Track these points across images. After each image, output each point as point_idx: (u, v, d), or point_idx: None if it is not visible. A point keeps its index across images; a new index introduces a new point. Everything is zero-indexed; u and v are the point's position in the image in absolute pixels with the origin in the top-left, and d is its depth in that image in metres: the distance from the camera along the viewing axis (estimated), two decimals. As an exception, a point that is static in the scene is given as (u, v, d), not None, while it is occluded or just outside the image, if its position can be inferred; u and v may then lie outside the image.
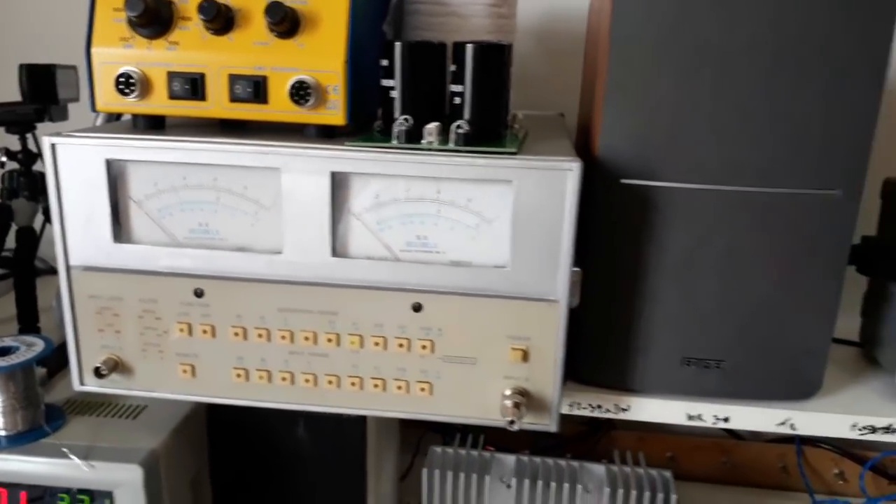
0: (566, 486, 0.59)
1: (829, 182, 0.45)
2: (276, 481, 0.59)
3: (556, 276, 0.44)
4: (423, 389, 0.46)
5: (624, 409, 0.51)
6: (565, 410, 0.51)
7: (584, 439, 0.80)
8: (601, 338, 0.50)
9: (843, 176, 0.45)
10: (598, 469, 0.61)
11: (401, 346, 0.46)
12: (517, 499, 0.60)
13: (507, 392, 0.45)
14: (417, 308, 0.45)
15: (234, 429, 0.58)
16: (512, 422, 0.44)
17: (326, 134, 0.46)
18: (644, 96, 0.45)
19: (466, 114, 0.45)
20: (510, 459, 0.62)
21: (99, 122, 0.60)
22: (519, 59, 0.46)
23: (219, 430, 0.59)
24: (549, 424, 0.46)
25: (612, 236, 0.48)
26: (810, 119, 0.44)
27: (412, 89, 0.45)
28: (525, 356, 0.45)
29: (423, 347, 0.46)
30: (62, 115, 0.63)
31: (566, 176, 0.42)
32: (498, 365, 0.45)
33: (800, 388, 0.50)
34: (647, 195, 0.46)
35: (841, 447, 0.77)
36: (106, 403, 0.57)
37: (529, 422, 0.46)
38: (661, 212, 0.47)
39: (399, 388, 0.46)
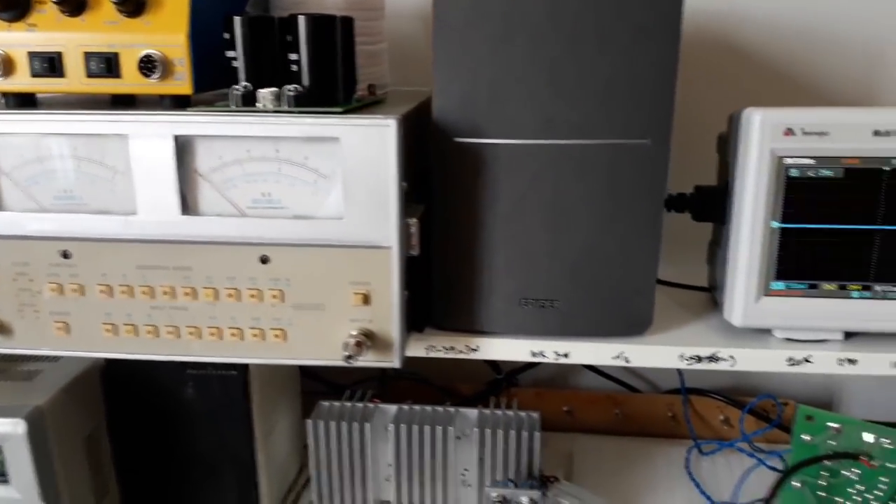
0: (439, 429, 0.63)
1: (638, 132, 0.50)
2: (171, 437, 0.63)
3: (387, 226, 0.48)
4: (277, 336, 0.50)
5: (474, 350, 0.56)
6: (422, 353, 0.56)
7: (485, 398, 0.84)
8: (448, 285, 0.54)
9: (651, 126, 0.50)
10: (472, 413, 0.65)
11: (253, 296, 0.50)
12: (395, 443, 0.64)
13: (353, 333, 0.50)
14: (265, 260, 0.49)
15: (129, 387, 0.62)
16: (349, 357, 0.48)
17: (181, 104, 0.50)
18: (466, 61, 0.49)
19: (303, 80, 0.49)
20: (392, 409, 0.66)
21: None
22: (405, 40, 0.49)
23: (114, 389, 0.63)
24: (394, 361, 0.51)
25: (451, 191, 0.52)
26: (615, 75, 0.49)
27: (251, 59, 0.49)
28: (366, 300, 0.49)
29: (274, 297, 0.50)
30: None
31: (385, 132, 0.46)
32: (343, 309, 0.50)
33: (631, 325, 0.55)
34: (476, 152, 0.51)
35: (727, 396, 0.82)
36: (2, 370, 0.61)
37: (375, 359, 0.51)
38: (490, 166, 0.51)
39: (255, 335, 0.51)
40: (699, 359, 0.54)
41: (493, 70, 0.49)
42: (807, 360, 0.53)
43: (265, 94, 0.47)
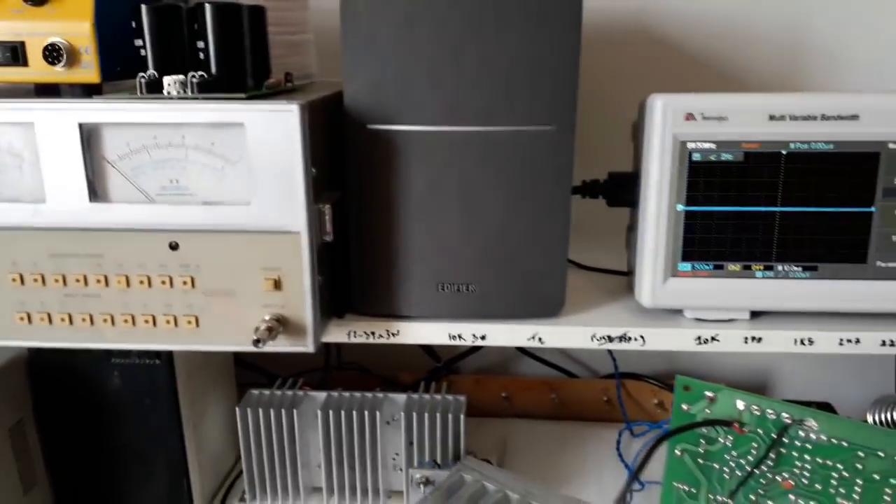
0: (367, 414, 0.64)
1: (543, 119, 0.51)
2: (99, 427, 0.64)
3: (296, 211, 0.49)
4: (189, 322, 0.51)
5: (395, 334, 0.56)
6: (344, 339, 0.56)
7: (427, 386, 0.85)
8: (366, 271, 0.55)
9: (555, 113, 0.51)
10: (400, 398, 0.66)
11: (164, 283, 0.50)
12: (325, 429, 0.65)
13: (266, 318, 0.50)
14: (175, 247, 0.50)
15: (54, 378, 0.63)
16: (256, 341, 0.48)
17: (91, 92, 0.50)
18: (373, 48, 0.50)
19: (211, 67, 0.49)
20: (321, 396, 0.67)
21: None
22: (337, 33, 0.49)
23: (39, 379, 0.63)
24: (307, 346, 0.51)
25: (364, 177, 0.53)
26: (517, 63, 0.50)
27: (158, 47, 0.49)
28: (277, 285, 0.50)
29: (185, 283, 0.50)
30: None
31: (288, 117, 0.46)
32: (255, 295, 0.50)
33: (545, 307, 0.56)
34: (387, 139, 0.52)
35: (661, 380, 0.83)
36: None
37: (289, 344, 0.51)
38: (401, 153, 0.52)
39: (168, 322, 0.51)
40: (610, 339, 0.55)
41: (400, 57, 0.50)
42: (714, 339, 0.55)
43: (170, 81, 0.48)
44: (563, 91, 0.51)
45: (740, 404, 0.39)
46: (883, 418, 0.62)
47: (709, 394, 0.40)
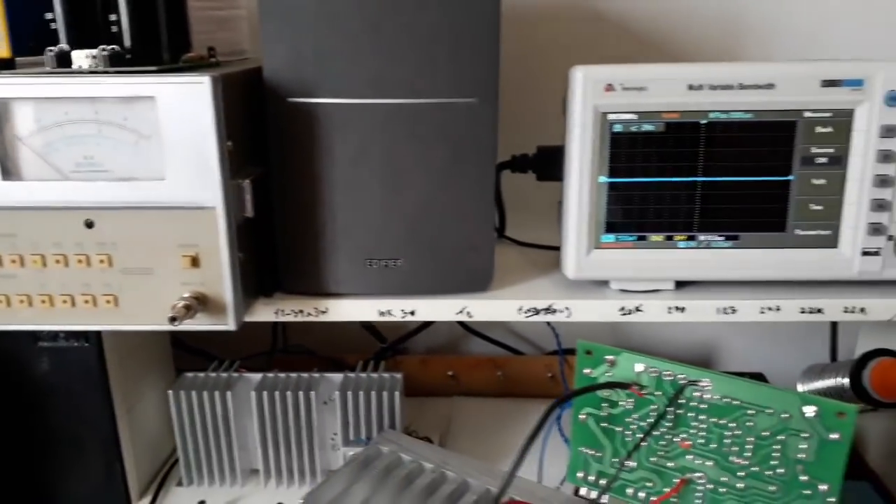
0: (301, 394, 0.64)
1: (465, 91, 0.51)
2: (29, 412, 0.62)
3: (211, 186, 0.48)
4: (108, 302, 0.50)
5: (323, 312, 0.56)
6: (272, 317, 0.56)
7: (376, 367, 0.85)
8: (293, 248, 0.55)
9: (477, 85, 0.51)
10: (336, 377, 0.66)
11: (80, 262, 0.49)
12: (259, 411, 0.64)
13: (186, 295, 0.50)
14: (90, 224, 0.49)
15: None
16: (172, 318, 0.48)
17: (1, 67, 0.49)
18: (292, 21, 0.49)
19: (124, 41, 0.48)
20: (256, 377, 0.66)
21: None
22: None
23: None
24: (229, 324, 0.51)
25: (287, 152, 0.52)
26: (437, 35, 0.50)
27: (70, 21, 0.48)
28: (195, 262, 0.49)
29: (101, 262, 0.49)
30: None
31: (199, 90, 0.46)
32: (173, 272, 0.50)
33: (473, 281, 0.56)
34: (308, 112, 0.51)
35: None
36: None
37: (210, 322, 0.51)
38: (323, 127, 0.52)
39: (87, 302, 0.50)
40: (536, 311, 0.56)
41: (319, 30, 0.49)
42: (638, 310, 0.55)
43: (80, 54, 0.47)
44: (485, 63, 0.51)
45: (639, 367, 0.40)
46: (817, 387, 0.63)
47: (609, 357, 0.40)
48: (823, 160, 0.52)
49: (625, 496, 0.48)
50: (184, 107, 0.46)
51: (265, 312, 0.56)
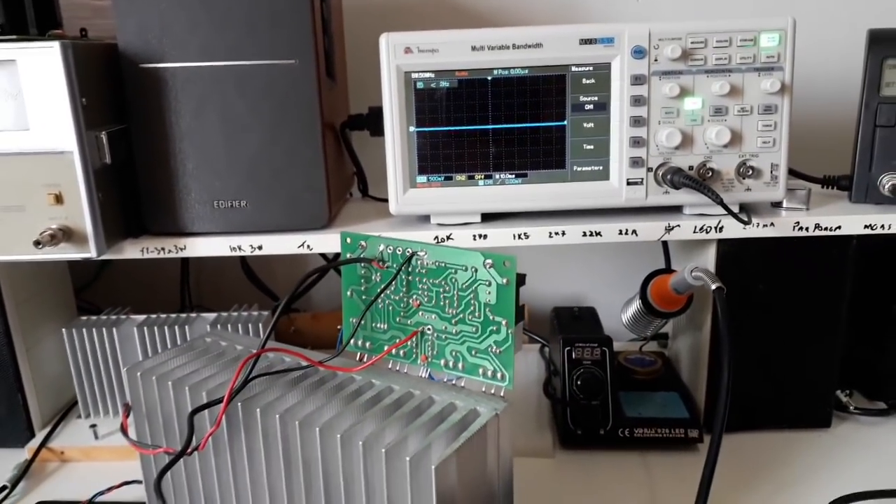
0: (177, 328, 0.73)
1: (284, 53, 0.61)
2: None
3: (68, 135, 0.58)
4: (-13, 236, 0.60)
5: (182, 249, 0.66)
6: (138, 255, 0.66)
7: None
8: (152, 193, 0.64)
9: (295, 48, 0.61)
10: (210, 316, 0.75)
11: (-40, 202, 0.59)
12: (141, 345, 0.74)
13: (53, 227, 0.59)
14: (-31, 170, 0.59)
15: None
16: (37, 242, 0.58)
17: None
18: (137, -2, 0.60)
19: (-4, 16, 0.59)
20: (140, 317, 0.76)
21: None
22: None
23: None
24: (91, 252, 0.60)
25: (141, 110, 0.62)
26: (258, 6, 0.60)
27: (-53, 0, 0.58)
28: (59, 199, 0.59)
29: (-21, 201, 0.59)
30: None
31: (51, 53, 0.56)
32: (41, 209, 0.59)
33: (311, 220, 0.66)
34: (157, 75, 0.61)
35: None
36: None
37: (75, 251, 0.60)
38: (170, 87, 0.62)
39: (-33, 236, 0.60)
40: (364, 243, 0.66)
41: (162, 4, 0.60)
42: (449, 238, 0.65)
43: (-46, 27, 0.57)
44: (301, 28, 0.61)
45: (381, 246, 0.50)
46: (628, 314, 0.73)
47: (362, 242, 0.50)
48: (590, 107, 0.63)
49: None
50: (41, 69, 0.56)
51: (132, 250, 0.66)
